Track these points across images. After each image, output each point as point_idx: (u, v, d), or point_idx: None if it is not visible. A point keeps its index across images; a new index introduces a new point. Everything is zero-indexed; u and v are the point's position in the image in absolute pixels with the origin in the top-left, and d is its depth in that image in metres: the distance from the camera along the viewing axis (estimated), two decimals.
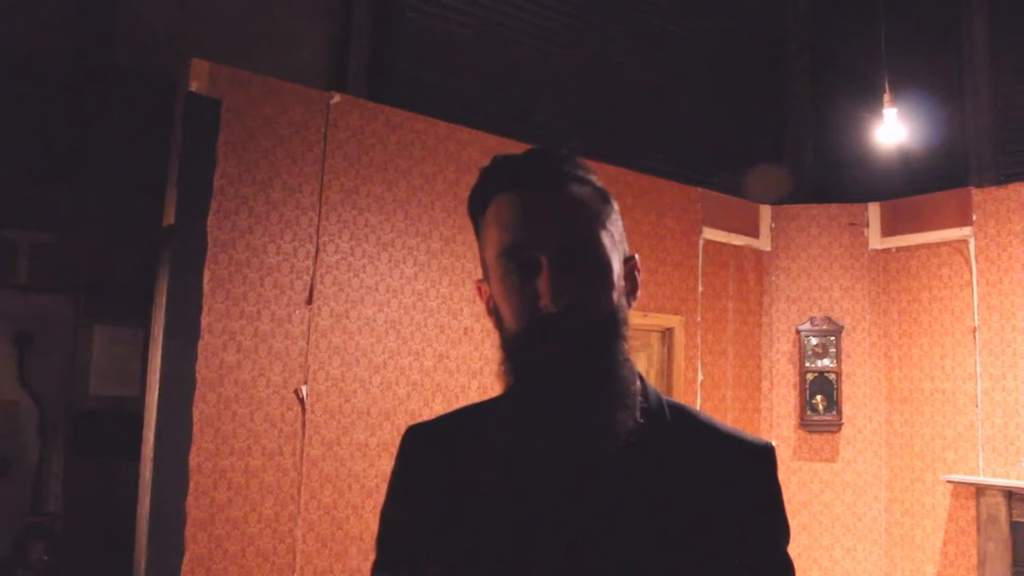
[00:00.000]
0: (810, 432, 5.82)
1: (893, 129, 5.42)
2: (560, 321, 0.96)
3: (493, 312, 1.07)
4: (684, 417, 1.07)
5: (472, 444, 1.08)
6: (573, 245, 0.99)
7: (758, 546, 1.01)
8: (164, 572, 3.54)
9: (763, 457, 1.05)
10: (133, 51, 4.22)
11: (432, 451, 1.12)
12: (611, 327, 1.00)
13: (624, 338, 1.02)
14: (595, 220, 1.03)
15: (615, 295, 1.02)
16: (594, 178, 1.07)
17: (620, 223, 1.09)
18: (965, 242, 5.54)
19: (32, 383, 4.00)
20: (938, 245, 5.68)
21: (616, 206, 1.09)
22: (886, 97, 5.38)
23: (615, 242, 1.05)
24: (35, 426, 4.00)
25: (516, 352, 1.00)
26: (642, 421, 1.01)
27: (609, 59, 5.93)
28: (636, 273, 1.09)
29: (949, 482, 5.35)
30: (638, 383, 1.03)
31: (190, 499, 3.62)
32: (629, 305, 1.06)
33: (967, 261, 5.52)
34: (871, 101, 5.78)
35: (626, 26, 6.05)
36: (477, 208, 1.07)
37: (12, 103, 4.02)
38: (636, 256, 1.10)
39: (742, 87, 6.62)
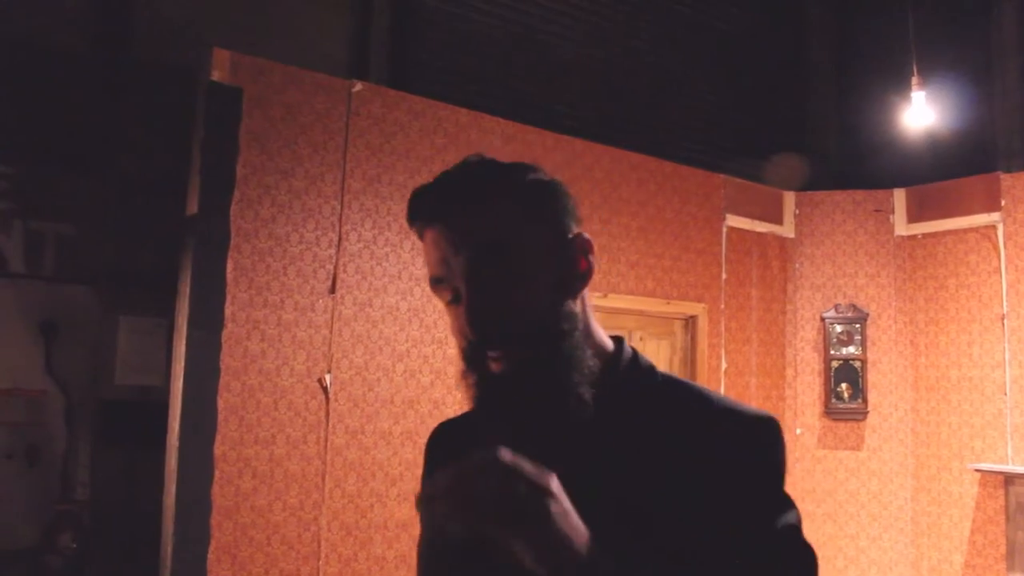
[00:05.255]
0: (835, 420, 5.76)
1: (921, 113, 5.32)
2: (481, 348, 1.00)
3: None
4: (676, 388, 1.05)
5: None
6: (482, 268, 0.99)
7: (758, 520, 0.95)
8: (190, 559, 3.57)
9: (756, 428, 1.00)
10: (154, 42, 4.22)
11: (452, 450, 1.08)
12: (544, 331, 0.99)
13: (563, 334, 0.99)
14: (507, 228, 1.00)
15: (543, 295, 1.00)
16: (517, 176, 1.03)
17: (561, 204, 1.04)
18: (993, 228, 5.45)
19: (58, 372, 4.03)
20: (965, 231, 5.58)
21: (554, 188, 1.04)
22: (914, 80, 5.29)
23: (540, 235, 1.01)
24: (62, 415, 4.03)
25: (463, 372, 1.06)
26: (631, 388, 1.03)
27: (632, 45, 5.87)
28: (582, 254, 1.03)
29: (977, 471, 5.28)
30: (595, 361, 1.01)
31: (215, 487, 3.64)
32: (578, 289, 1.03)
33: (995, 247, 5.43)
34: (897, 85, 5.69)
35: (649, 12, 5.99)
36: (418, 236, 1.10)
37: (35, 96, 4.03)
38: (582, 234, 1.04)
39: (766, 72, 6.54)
